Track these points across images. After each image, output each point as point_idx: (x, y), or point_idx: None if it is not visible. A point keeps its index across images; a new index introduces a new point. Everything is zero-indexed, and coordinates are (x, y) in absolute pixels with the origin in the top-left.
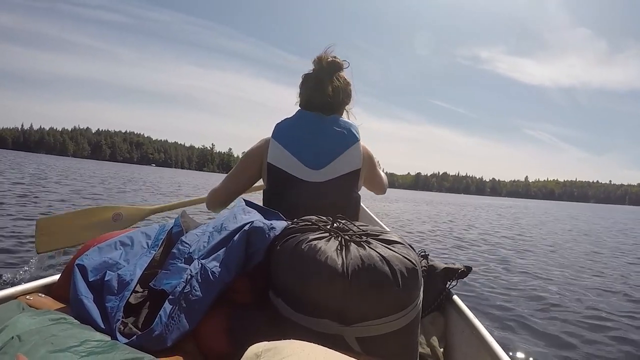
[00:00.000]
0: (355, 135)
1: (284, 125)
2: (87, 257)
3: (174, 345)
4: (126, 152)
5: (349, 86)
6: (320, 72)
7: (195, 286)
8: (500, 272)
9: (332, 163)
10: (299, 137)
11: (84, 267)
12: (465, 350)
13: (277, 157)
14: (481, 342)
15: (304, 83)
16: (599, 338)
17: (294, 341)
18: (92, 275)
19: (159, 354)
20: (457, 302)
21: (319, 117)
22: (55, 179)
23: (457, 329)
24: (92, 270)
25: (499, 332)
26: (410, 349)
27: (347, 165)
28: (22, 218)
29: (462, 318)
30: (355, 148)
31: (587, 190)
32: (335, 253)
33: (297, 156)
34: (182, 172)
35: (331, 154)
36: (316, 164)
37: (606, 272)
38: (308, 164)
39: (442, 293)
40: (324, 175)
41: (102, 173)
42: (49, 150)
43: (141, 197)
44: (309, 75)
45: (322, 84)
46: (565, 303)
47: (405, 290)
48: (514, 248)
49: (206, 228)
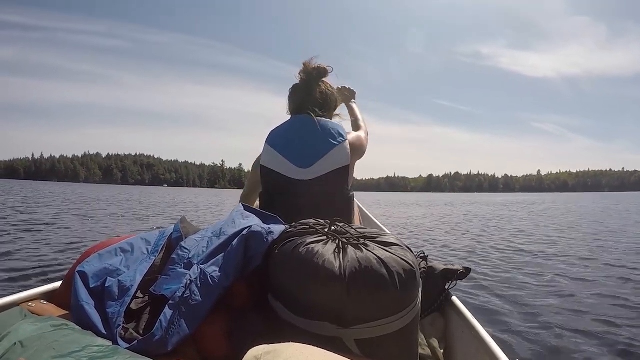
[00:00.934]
0: (342, 135)
1: (275, 130)
2: (88, 263)
3: (175, 350)
4: (137, 175)
5: (334, 90)
6: (307, 79)
7: (194, 291)
8: (500, 272)
9: (319, 161)
10: (289, 140)
11: (85, 274)
12: (465, 351)
13: (269, 159)
14: (481, 343)
15: (294, 93)
16: (600, 338)
17: (293, 344)
18: (93, 281)
19: (159, 358)
20: (456, 303)
21: (307, 120)
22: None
23: (457, 330)
24: (93, 276)
25: (499, 333)
26: (409, 350)
27: (334, 163)
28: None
29: (462, 319)
30: (342, 147)
31: (601, 179)
32: (333, 256)
33: (286, 157)
34: (197, 190)
35: (318, 153)
36: (304, 163)
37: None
38: (296, 163)
39: (442, 294)
40: (313, 173)
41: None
42: (60, 177)
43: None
44: (297, 85)
45: (310, 89)
46: (568, 303)
47: (403, 292)
48: (527, 248)
49: (205, 233)
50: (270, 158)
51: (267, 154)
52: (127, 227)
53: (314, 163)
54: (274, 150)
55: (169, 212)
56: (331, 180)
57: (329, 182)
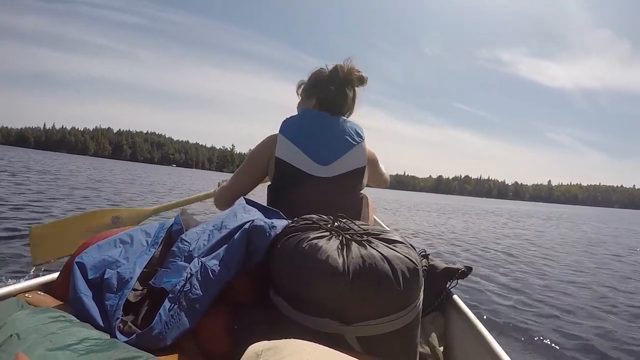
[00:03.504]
0: (360, 135)
1: (291, 121)
2: (87, 255)
3: (174, 344)
4: (147, 152)
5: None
6: (345, 80)
7: (195, 285)
8: (500, 272)
9: (339, 160)
10: (307, 133)
11: (84, 265)
12: (465, 350)
13: (286, 151)
14: (481, 342)
15: (322, 87)
16: (600, 338)
17: (294, 340)
18: (91, 273)
19: (158, 352)
20: (457, 302)
21: (325, 116)
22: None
23: (457, 329)
24: (91, 268)
25: (499, 332)
26: (410, 349)
27: (353, 163)
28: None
29: (462, 318)
30: (361, 147)
31: (611, 194)
32: (336, 252)
33: (305, 151)
34: (205, 172)
35: (338, 151)
36: (324, 160)
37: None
38: (316, 159)
39: (443, 293)
40: (331, 171)
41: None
42: (70, 149)
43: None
44: (328, 79)
45: (343, 91)
46: (567, 304)
47: (406, 290)
48: (526, 250)
49: (206, 226)
50: (287, 151)
51: (283, 146)
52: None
53: (334, 161)
54: (291, 142)
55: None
56: (349, 180)
57: (346, 181)
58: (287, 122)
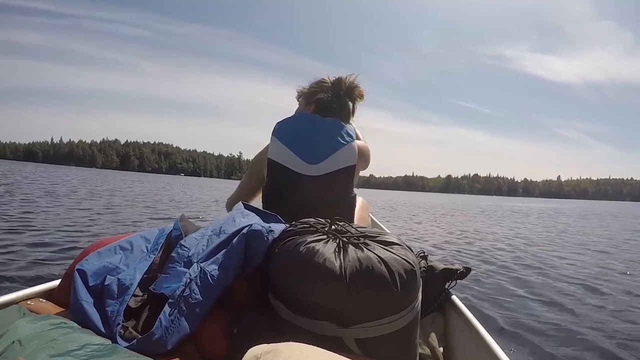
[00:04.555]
0: (351, 135)
1: (283, 123)
2: (87, 261)
3: (174, 349)
4: (155, 163)
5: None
6: (345, 94)
7: (194, 289)
8: (500, 272)
9: (329, 158)
10: (298, 134)
11: (84, 272)
12: (464, 350)
13: (276, 152)
14: (481, 343)
15: (326, 93)
16: (600, 339)
17: (293, 343)
18: (92, 279)
19: (159, 357)
20: (456, 303)
21: (317, 117)
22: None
23: (457, 330)
24: (92, 274)
25: (499, 333)
26: (409, 350)
27: (343, 161)
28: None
29: (462, 318)
30: (350, 146)
31: (622, 187)
32: (334, 255)
33: (294, 151)
34: (214, 180)
35: (328, 150)
36: (313, 159)
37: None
38: (305, 158)
39: (442, 293)
40: (321, 170)
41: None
42: (78, 162)
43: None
44: (335, 89)
45: (343, 104)
46: (568, 304)
47: (403, 292)
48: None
49: (205, 231)
50: (278, 151)
51: (274, 147)
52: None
53: (323, 160)
54: (281, 143)
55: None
56: (338, 178)
57: (335, 180)
58: (280, 124)
